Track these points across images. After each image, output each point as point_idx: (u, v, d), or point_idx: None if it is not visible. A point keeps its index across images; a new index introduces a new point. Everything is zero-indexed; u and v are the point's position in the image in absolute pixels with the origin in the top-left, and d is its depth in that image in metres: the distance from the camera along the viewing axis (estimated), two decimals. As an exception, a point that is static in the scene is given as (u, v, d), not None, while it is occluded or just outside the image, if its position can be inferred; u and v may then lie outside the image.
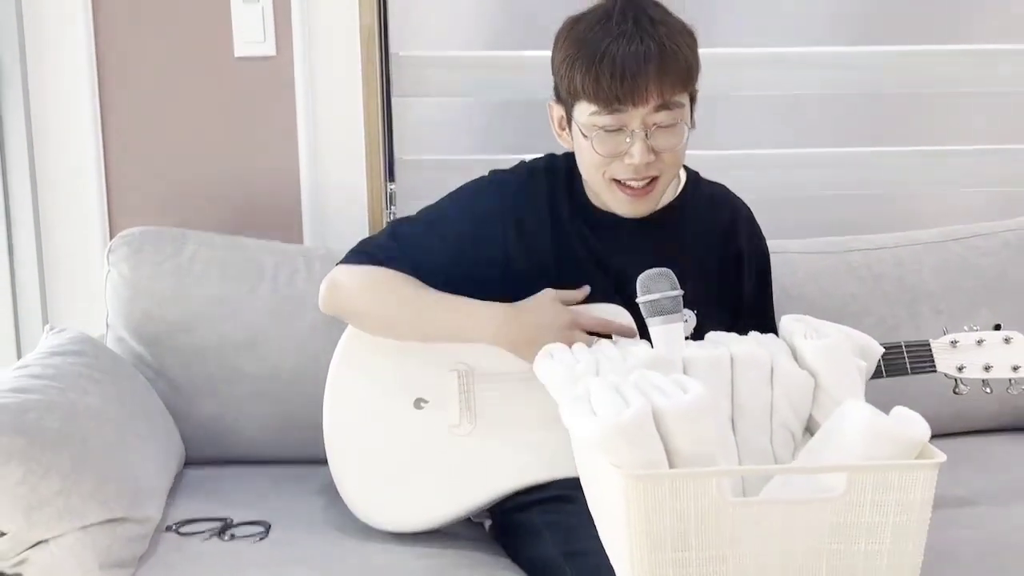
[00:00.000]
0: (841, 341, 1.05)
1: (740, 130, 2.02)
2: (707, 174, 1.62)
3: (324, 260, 1.64)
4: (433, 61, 1.95)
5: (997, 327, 1.33)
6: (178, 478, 1.48)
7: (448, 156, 2.00)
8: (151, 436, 1.34)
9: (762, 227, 1.55)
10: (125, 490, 1.16)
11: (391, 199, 1.95)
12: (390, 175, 1.95)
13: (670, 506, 0.86)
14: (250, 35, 1.85)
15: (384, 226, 1.68)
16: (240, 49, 1.86)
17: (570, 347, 1.14)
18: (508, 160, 1.92)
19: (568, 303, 1.29)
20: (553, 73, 1.30)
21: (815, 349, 1.04)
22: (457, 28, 1.97)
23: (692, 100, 1.29)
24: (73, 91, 1.82)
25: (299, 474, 1.51)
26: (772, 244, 1.59)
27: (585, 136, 1.26)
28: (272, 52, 1.86)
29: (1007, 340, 1.31)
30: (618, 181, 1.27)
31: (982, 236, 1.79)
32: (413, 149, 1.98)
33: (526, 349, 1.23)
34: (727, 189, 1.50)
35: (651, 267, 1.21)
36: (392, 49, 1.91)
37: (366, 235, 1.92)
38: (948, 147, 2.03)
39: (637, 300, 1.14)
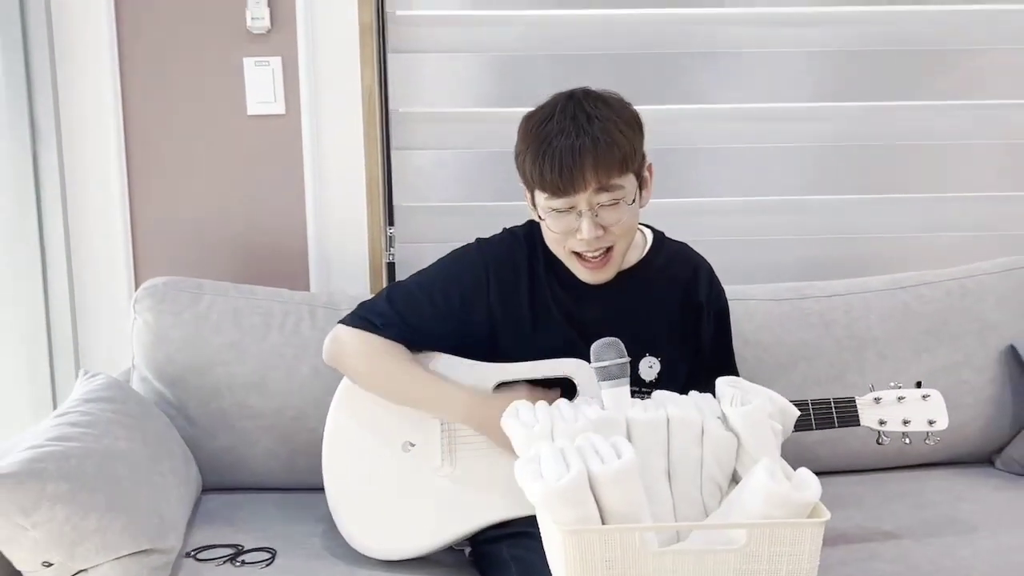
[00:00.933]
0: (760, 407, 1.22)
1: (711, 178, 2.19)
2: (678, 219, 1.77)
3: (326, 309, 1.82)
4: (429, 117, 2.12)
5: (918, 384, 1.49)
6: (196, 505, 1.66)
7: (442, 203, 2.18)
8: (172, 472, 1.53)
9: (729, 268, 1.69)
10: (151, 525, 1.35)
11: (390, 242, 2.13)
12: (389, 220, 2.13)
13: (600, 555, 1.03)
14: (261, 95, 2.02)
15: (382, 288, 1.84)
16: (252, 108, 2.03)
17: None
18: (496, 205, 2.11)
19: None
20: (515, 164, 1.47)
21: (737, 415, 1.22)
22: (451, 87, 2.15)
23: (639, 176, 1.44)
24: (102, 151, 2.00)
25: (301, 500, 1.68)
26: (733, 290, 1.75)
27: (542, 218, 1.43)
28: (282, 111, 2.04)
29: (925, 397, 1.46)
30: (578, 254, 1.45)
31: (927, 285, 1.93)
32: (411, 196, 2.16)
33: (491, 431, 1.41)
34: (688, 247, 1.64)
35: (617, 321, 1.39)
36: (392, 106, 2.08)
37: (367, 276, 2.13)
38: (908, 195, 2.19)
39: (591, 366, 1.32)
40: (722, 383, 1.33)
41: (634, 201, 1.43)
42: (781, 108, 2.15)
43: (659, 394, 1.35)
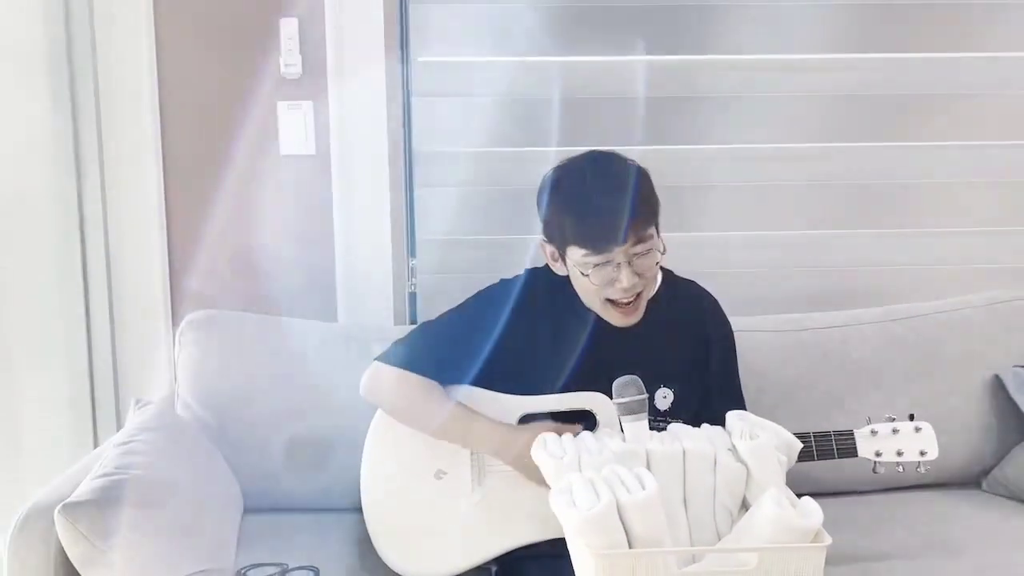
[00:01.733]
0: (767, 442, 1.35)
1: (716, 214, 2.31)
2: (686, 252, 1.87)
3: (359, 340, 1.94)
4: (449, 156, 2.24)
5: (911, 417, 1.61)
6: (241, 526, 1.77)
7: (461, 236, 2.29)
8: (221, 495, 1.65)
9: (733, 299, 1.79)
10: (209, 545, 1.47)
11: (412, 272, 2.25)
12: (412, 252, 2.25)
13: (628, 576, 1.16)
14: (294, 137, 2.13)
15: (410, 322, 1.93)
16: (285, 148, 2.14)
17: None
18: (510, 238, 2.24)
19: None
20: (543, 221, 1.58)
21: (746, 448, 1.35)
22: (470, 128, 2.26)
23: (656, 226, 1.56)
24: (144, 188, 2.11)
25: (339, 521, 1.78)
26: (737, 322, 1.86)
27: (583, 273, 1.53)
28: (313, 151, 2.15)
29: (917, 429, 1.58)
30: (611, 301, 1.56)
31: (918, 317, 2.06)
32: (432, 230, 2.27)
33: (519, 464, 1.53)
34: (696, 284, 1.76)
35: (634, 355, 1.51)
36: (415, 147, 2.20)
37: (391, 305, 2.25)
38: (902, 230, 2.31)
39: (612, 401, 1.45)
40: (732, 417, 1.46)
41: (662, 249, 1.55)
42: (782, 148, 2.27)
43: (674, 427, 1.47)
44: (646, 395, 1.43)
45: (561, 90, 2.23)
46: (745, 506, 1.37)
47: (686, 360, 1.66)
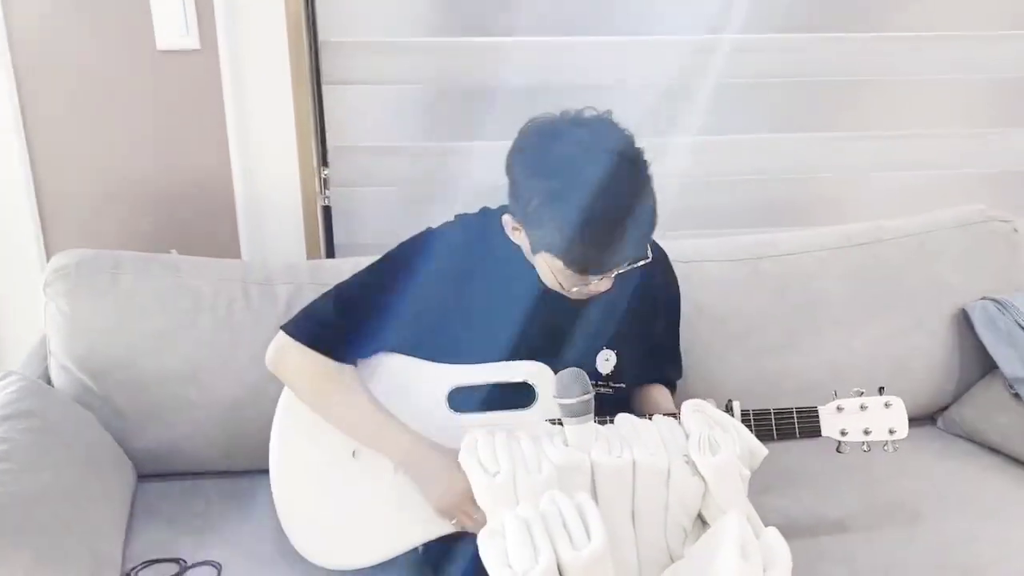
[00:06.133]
0: (730, 456, 1.18)
1: (676, 118, 2.05)
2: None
3: (261, 286, 1.69)
4: (364, 47, 1.93)
5: (880, 390, 1.46)
6: (132, 500, 1.57)
7: (380, 142, 2.02)
8: (104, 490, 1.43)
9: (671, 213, 1.58)
10: (84, 568, 1.27)
11: (325, 184, 1.98)
12: (323, 161, 1.96)
13: (571, 641, 1.01)
14: (172, 27, 1.81)
15: (327, 291, 1.62)
16: (162, 43, 1.82)
17: (450, 512, 1.34)
18: (438, 145, 1.96)
19: None
20: (518, 199, 1.29)
21: (707, 466, 1.18)
22: (388, 14, 1.93)
23: None
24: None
25: (242, 487, 1.61)
26: (686, 247, 1.68)
27: (552, 273, 1.32)
28: (196, 45, 1.83)
29: (887, 405, 1.43)
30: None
31: (883, 242, 1.88)
32: (345, 136, 1.98)
33: (423, 482, 1.38)
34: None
35: (576, 317, 1.36)
36: (321, 36, 1.89)
37: (302, 224, 1.98)
38: (862, 133, 2.10)
39: (554, 399, 1.26)
40: (688, 410, 1.29)
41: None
42: (726, 39, 1.98)
43: (623, 423, 1.29)
44: (592, 393, 1.25)
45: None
46: (701, 519, 1.22)
47: (631, 322, 1.49)
